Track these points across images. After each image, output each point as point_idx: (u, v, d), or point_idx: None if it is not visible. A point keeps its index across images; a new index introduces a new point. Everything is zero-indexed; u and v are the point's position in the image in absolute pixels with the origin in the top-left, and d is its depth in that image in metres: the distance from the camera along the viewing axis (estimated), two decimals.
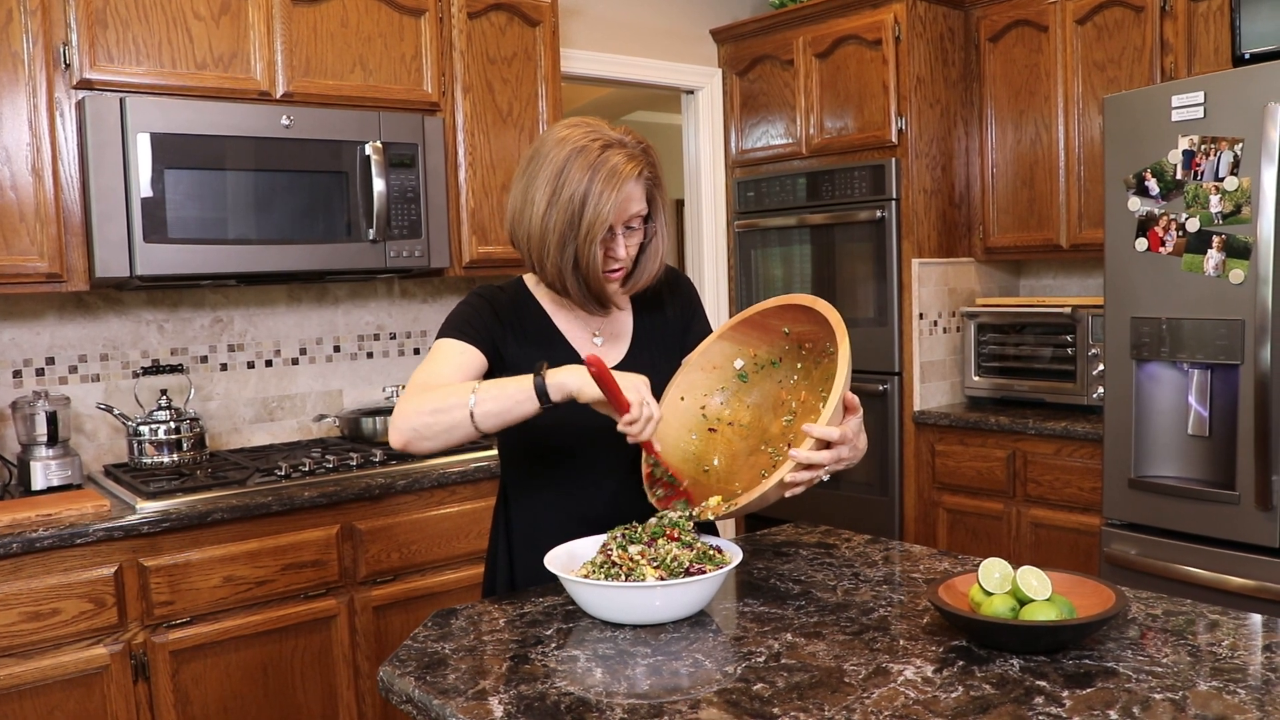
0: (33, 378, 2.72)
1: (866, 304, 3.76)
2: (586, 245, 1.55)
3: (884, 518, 3.73)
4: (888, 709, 1.13)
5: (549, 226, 1.56)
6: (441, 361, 1.58)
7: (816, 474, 1.47)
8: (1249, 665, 1.23)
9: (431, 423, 1.47)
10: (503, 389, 1.46)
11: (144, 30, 2.52)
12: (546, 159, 1.57)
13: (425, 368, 1.58)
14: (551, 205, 1.55)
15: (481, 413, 1.45)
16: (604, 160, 1.54)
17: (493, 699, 1.20)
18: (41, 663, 2.15)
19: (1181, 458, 2.82)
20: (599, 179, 1.53)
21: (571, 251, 1.56)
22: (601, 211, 1.53)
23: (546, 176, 1.56)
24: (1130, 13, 3.26)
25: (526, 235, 1.60)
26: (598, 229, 1.54)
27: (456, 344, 1.61)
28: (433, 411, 1.47)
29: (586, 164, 1.54)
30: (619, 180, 1.54)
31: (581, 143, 1.55)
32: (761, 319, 1.68)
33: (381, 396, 3.27)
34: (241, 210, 2.58)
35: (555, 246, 1.56)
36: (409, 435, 1.49)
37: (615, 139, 1.57)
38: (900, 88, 3.60)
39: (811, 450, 1.44)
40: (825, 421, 1.44)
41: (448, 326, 1.64)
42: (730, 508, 1.48)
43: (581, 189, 1.53)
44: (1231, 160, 2.59)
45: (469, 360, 1.59)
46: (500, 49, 3.12)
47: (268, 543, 2.41)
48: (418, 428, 1.48)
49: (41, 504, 2.28)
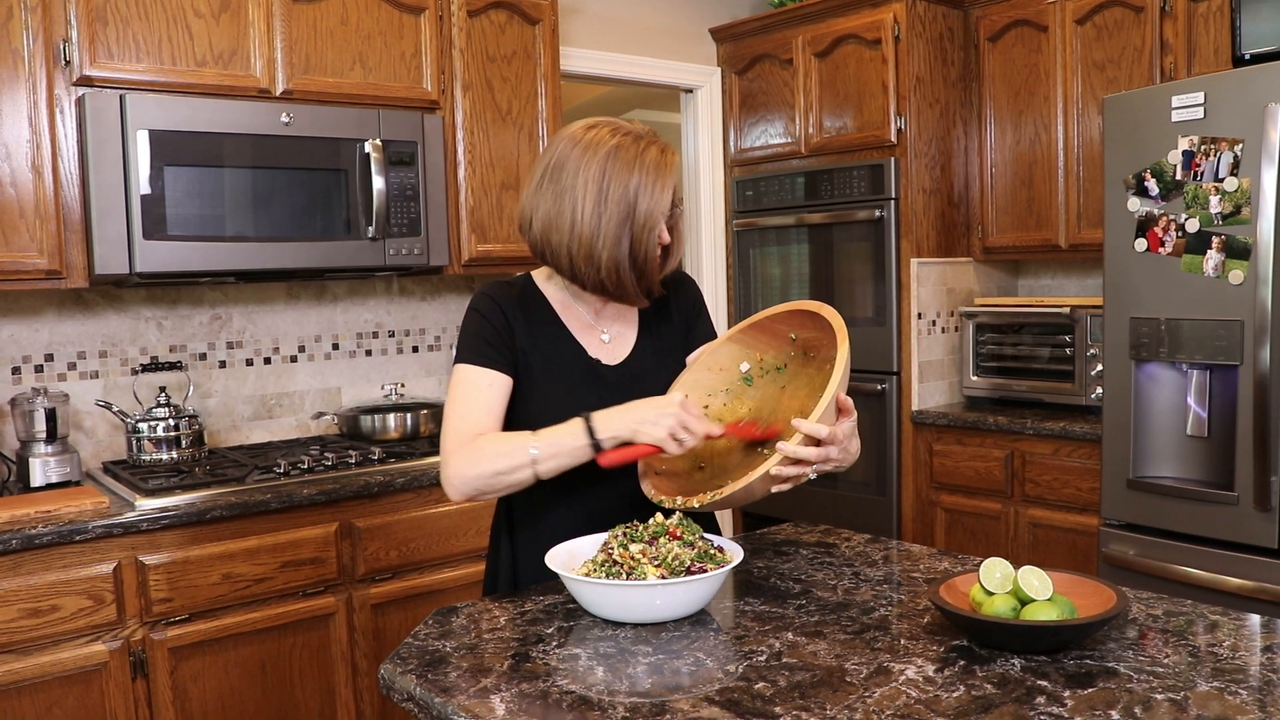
0: (32, 374, 2.72)
1: (865, 303, 3.76)
2: (645, 235, 1.60)
3: (881, 517, 3.73)
4: (889, 708, 1.13)
5: (602, 225, 1.59)
6: (474, 402, 1.62)
7: (803, 470, 1.48)
8: (1249, 666, 1.24)
9: (495, 484, 1.57)
10: (558, 445, 1.54)
11: (144, 27, 2.51)
12: (580, 164, 1.60)
13: (459, 409, 1.62)
14: (601, 204, 1.59)
15: (545, 470, 1.55)
16: (645, 154, 1.61)
17: (494, 697, 1.20)
18: (40, 659, 2.15)
19: (1180, 458, 2.82)
20: (648, 172, 1.60)
21: (628, 245, 1.60)
22: (659, 202, 1.60)
23: (586, 180, 1.59)
24: (1130, 13, 3.26)
25: (572, 239, 1.61)
26: (656, 218, 1.61)
27: (482, 374, 1.63)
28: (494, 475, 1.56)
29: (630, 160, 1.59)
30: (664, 171, 1.62)
31: (613, 141, 1.61)
32: (770, 324, 1.70)
33: (380, 394, 3.26)
34: (241, 208, 2.58)
35: (611, 243, 1.59)
36: (472, 494, 1.59)
37: (640, 132, 1.64)
38: (899, 87, 3.60)
39: (799, 445, 1.45)
40: (816, 419, 1.44)
41: (465, 349, 1.66)
42: (715, 498, 1.49)
43: (634, 184, 1.59)
44: (1231, 161, 2.59)
45: (497, 393, 1.64)
46: (500, 47, 3.11)
47: (266, 540, 2.41)
48: (482, 490, 1.58)
49: (40, 501, 2.28)
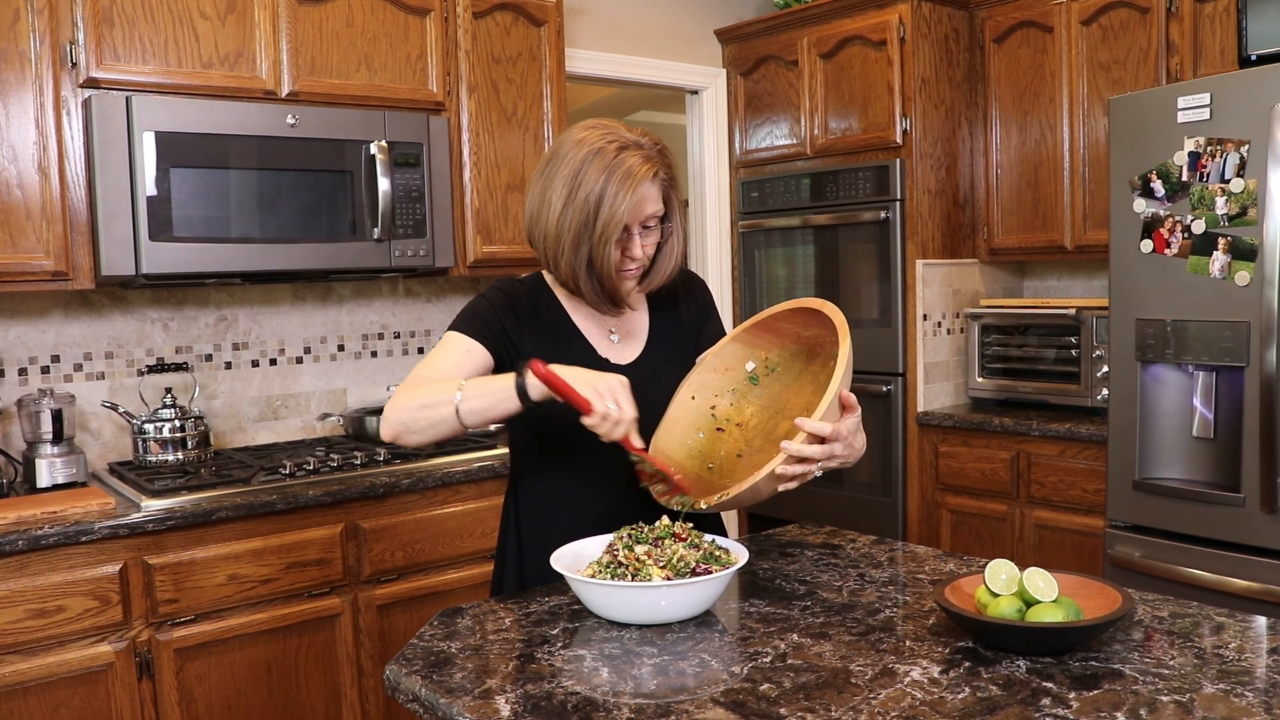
0: (38, 375, 2.73)
1: (870, 305, 3.76)
2: (601, 245, 1.56)
3: (887, 519, 3.72)
4: (894, 710, 1.13)
5: (564, 227, 1.58)
6: (444, 357, 1.61)
7: (809, 468, 1.47)
8: (1256, 668, 1.23)
9: (419, 417, 1.51)
10: (486, 387, 1.49)
11: (150, 29, 2.52)
12: (564, 160, 1.59)
13: (427, 361, 1.61)
14: (568, 206, 1.57)
15: (466, 409, 1.48)
16: (620, 162, 1.55)
17: (499, 698, 1.20)
18: (46, 660, 2.16)
19: (1186, 460, 2.82)
20: (614, 180, 1.54)
21: (586, 251, 1.57)
22: (616, 212, 1.55)
23: (564, 178, 1.57)
24: (1136, 14, 3.26)
25: (543, 235, 1.62)
26: (612, 229, 1.56)
27: (463, 340, 1.63)
28: (420, 406, 1.51)
29: (603, 165, 1.55)
30: (634, 181, 1.55)
31: (598, 144, 1.57)
32: (774, 322, 1.69)
33: (386, 396, 3.27)
34: (246, 209, 2.58)
35: (570, 246, 1.58)
36: (398, 428, 1.53)
37: (632, 140, 1.59)
38: (905, 88, 3.59)
39: (803, 444, 1.44)
40: (819, 417, 1.44)
41: (460, 320, 1.66)
42: (722, 499, 1.49)
43: (597, 190, 1.54)
44: (1238, 162, 2.58)
45: (473, 359, 1.61)
46: (505, 49, 3.12)
47: (272, 541, 2.41)
48: (405, 421, 1.52)
49: (47, 501, 2.29)
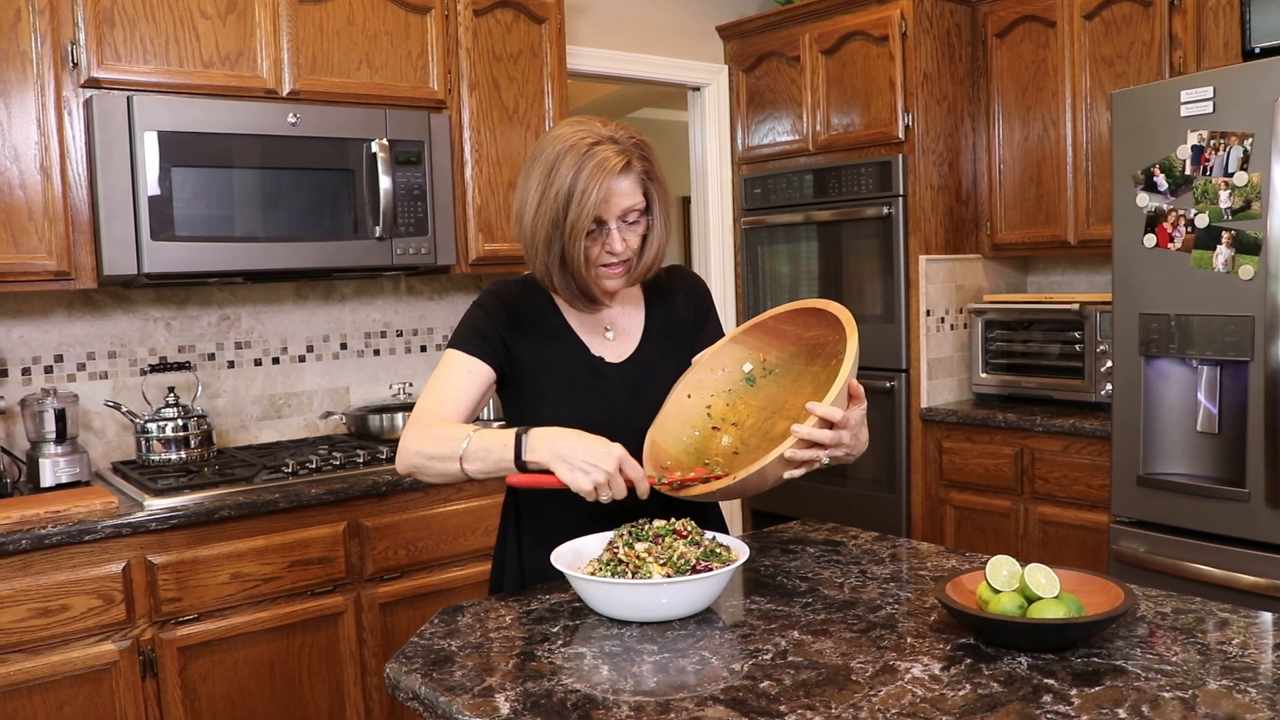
0: (41, 375, 2.73)
1: (873, 301, 3.75)
2: (572, 241, 1.55)
3: (891, 515, 3.72)
4: (895, 707, 1.13)
5: (539, 224, 1.57)
6: (447, 383, 1.63)
7: (817, 454, 1.46)
8: (1259, 664, 1.23)
9: (427, 466, 1.57)
10: (488, 452, 1.50)
11: (151, 29, 2.52)
12: (539, 159, 1.58)
13: (432, 387, 1.63)
14: (541, 202, 1.56)
15: (470, 469, 1.53)
16: (591, 155, 1.53)
17: (499, 696, 1.20)
18: (50, 658, 2.16)
19: (1191, 455, 2.81)
20: (584, 174, 1.53)
21: (558, 248, 1.56)
22: (585, 207, 1.53)
23: (539, 175, 1.57)
24: (1139, 7, 3.24)
25: (522, 234, 1.62)
26: (582, 224, 1.54)
27: (464, 360, 1.64)
28: (429, 457, 1.55)
29: (574, 160, 1.54)
30: (604, 175, 1.53)
31: (572, 140, 1.55)
32: (774, 324, 1.68)
33: (388, 394, 3.27)
34: (248, 208, 2.58)
35: (543, 243, 1.57)
36: (410, 470, 1.61)
37: (606, 135, 1.57)
38: (907, 84, 3.58)
39: (814, 428, 1.44)
40: (830, 402, 1.44)
41: (459, 336, 1.67)
42: (729, 483, 1.48)
43: (567, 185, 1.53)
44: (1241, 155, 2.57)
45: (474, 380, 1.63)
46: (506, 46, 3.11)
47: (275, 540, 2.41)
48: (417, 465, 1.58)
49: (50, 501, 2.29)
